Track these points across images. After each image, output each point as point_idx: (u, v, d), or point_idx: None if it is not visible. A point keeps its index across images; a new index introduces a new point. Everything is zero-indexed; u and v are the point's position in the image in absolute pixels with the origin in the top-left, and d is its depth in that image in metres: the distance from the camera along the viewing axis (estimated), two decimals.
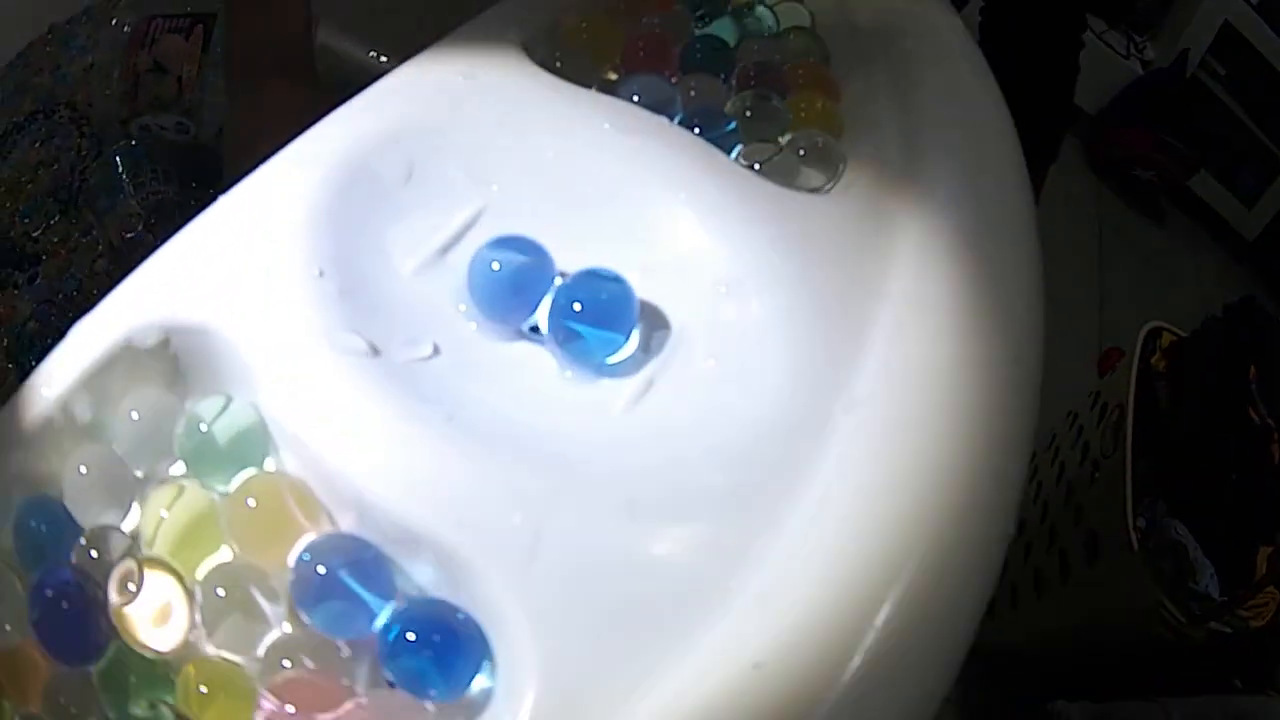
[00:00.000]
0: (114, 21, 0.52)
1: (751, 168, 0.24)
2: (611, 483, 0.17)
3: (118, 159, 0.49)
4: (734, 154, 0.25)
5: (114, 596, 0.19)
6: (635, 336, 0.19)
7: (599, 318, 0.19)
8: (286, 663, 0.18)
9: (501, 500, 0.17)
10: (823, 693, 0.14)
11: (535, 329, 0.20)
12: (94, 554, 0.20)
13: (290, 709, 0.17)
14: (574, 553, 0.16)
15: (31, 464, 0.21)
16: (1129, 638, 0.56)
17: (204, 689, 0.19)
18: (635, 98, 0.25)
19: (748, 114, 0.26)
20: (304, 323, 0.19)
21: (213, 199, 0.21)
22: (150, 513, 0.20)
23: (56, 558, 0.21)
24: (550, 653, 0.16)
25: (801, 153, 0.25)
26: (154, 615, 0.19)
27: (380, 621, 0.18)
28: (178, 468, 0.21)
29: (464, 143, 0.22)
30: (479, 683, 0.17)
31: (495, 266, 0.20)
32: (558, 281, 0.20)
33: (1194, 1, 1.18)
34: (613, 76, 0.28)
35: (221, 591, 0.19)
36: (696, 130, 0.25)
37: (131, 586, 0.19)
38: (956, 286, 0.20)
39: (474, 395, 0.18)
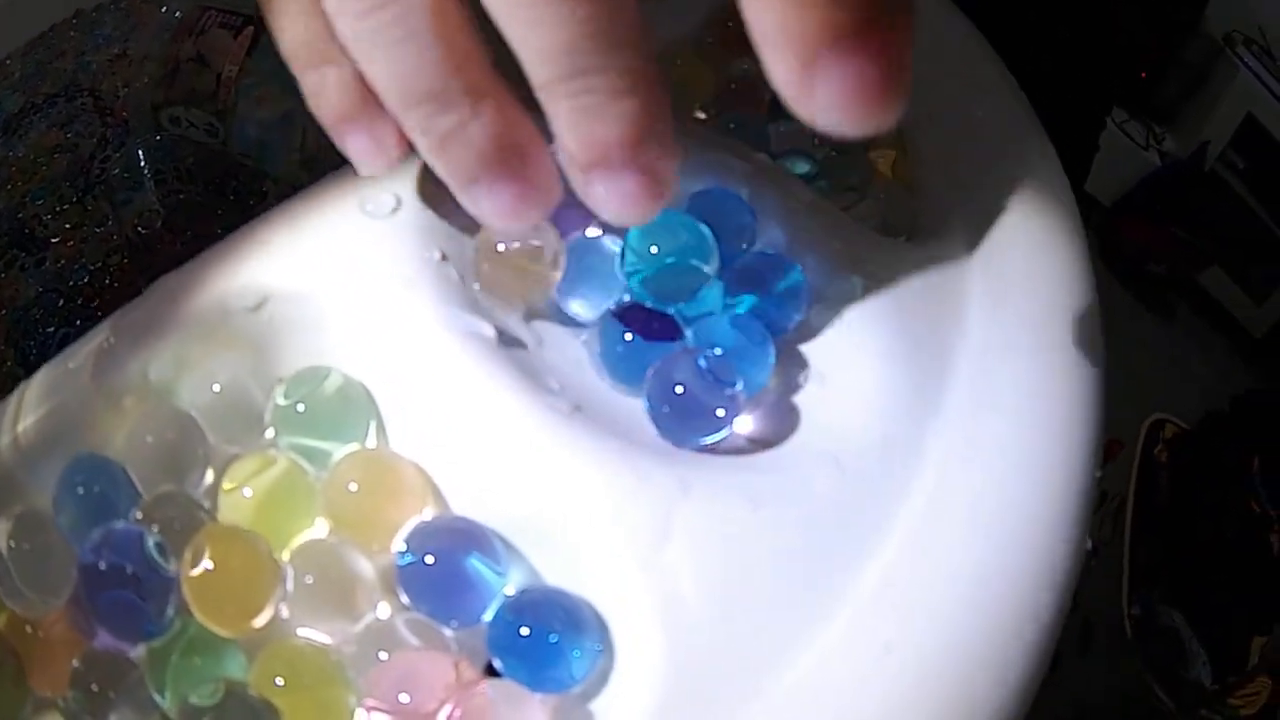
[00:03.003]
0: (163, 9, 0.52)
1: None
2: (734, 476, 0.18)
3: (140, 152, 0.48)
4: None
5: (187, 567, 0.18)
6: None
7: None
8: (384, 653, 0.18)
9: (631, 488, 0.18)
10: (951, 670, 0.16)
11: None
12: (158, 523, 0.19)
13: (405, 699, 0.17)
14: (702, 539, 0.17)
15: (88, 422, 0.21)
16: None
17: (280, 681, 0.17)
18: (731, 126, 0.27)
19: (831, 161, 0.28)
20: (428, 303, 0.20)
21: (240, 208, 0.20)
22: (231, 483, 0.20)
23: (111, 523, 0.19)
24: (678, 638, 0.17)
25: (881, 202, 0.27)
26: (233, 591, 0.18)
27: (491, 611, 0.18)
28: (264, 438, 0.21)
29: None
30: (597, 668, 0.18)
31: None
32: None
33: (1218, 92, 1.20)
34: (701, 115, 0.30)
35: (314, 570, 0.18)
36: None
37: (207, 560, 0.18)
38: (1028, 326, 0.22)
39: (596, 390, 0.19)
